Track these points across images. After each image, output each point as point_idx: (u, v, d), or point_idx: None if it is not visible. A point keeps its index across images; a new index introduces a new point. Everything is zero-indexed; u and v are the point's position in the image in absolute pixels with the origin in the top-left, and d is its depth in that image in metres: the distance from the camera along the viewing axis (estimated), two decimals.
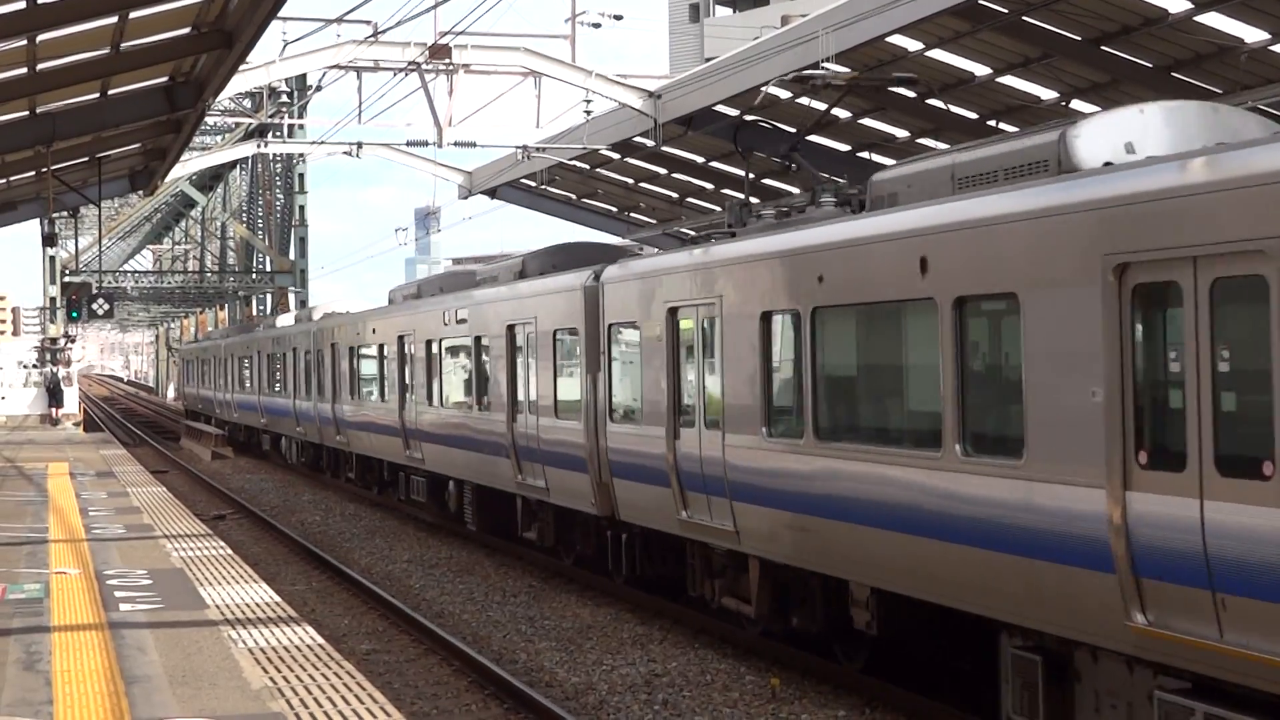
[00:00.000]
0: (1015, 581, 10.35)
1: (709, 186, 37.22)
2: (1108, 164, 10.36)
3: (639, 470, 16.74)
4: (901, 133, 28.92)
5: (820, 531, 12.92)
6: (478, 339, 22.60)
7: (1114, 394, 9.41)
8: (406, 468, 27.26)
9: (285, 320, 44.42)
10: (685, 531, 15.70)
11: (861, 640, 13.39)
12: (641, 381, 16.64)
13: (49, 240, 42.27)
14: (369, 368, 30.42)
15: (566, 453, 18.74)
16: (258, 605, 12.76)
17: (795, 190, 34.42)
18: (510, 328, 20.92)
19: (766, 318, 13.82)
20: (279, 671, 10.06)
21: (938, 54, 24.27)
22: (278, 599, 13.21)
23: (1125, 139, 10.68)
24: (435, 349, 25.12)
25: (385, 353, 28.52)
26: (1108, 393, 9.44)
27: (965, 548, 10.87)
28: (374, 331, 29.14)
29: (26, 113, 22.43)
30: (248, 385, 47.06)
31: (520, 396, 20.60)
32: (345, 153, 36.64)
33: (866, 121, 28.82)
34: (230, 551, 16.53)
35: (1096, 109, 24.79)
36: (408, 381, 26.61)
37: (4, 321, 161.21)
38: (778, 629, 14.46)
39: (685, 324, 15.65)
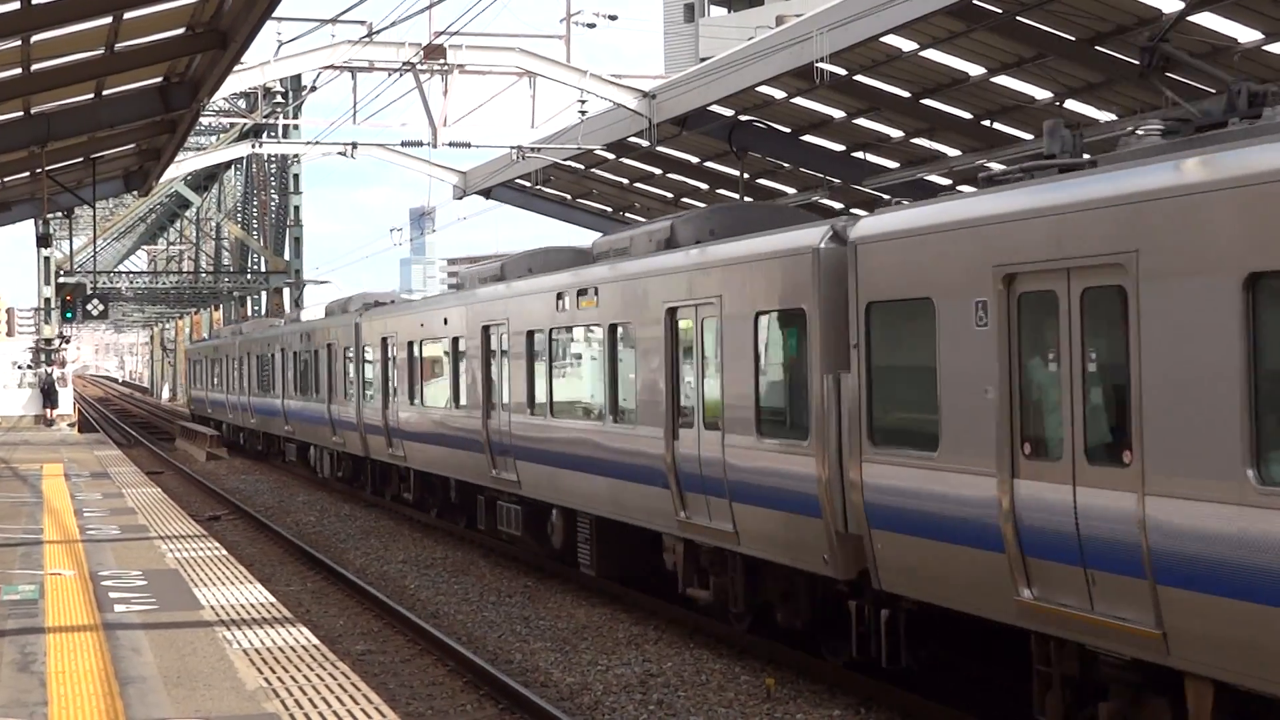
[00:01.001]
0: None
1: (704, 187, 37.24)
2: None
3: (930, 522, 11.38)
4: (896, 133, 28.94)
5: None
6: (614, 328, 17.38)
7: None
8: (492, 491, 22.04)
9: (313, 313, 39.40)
10: (1031, 621, 10.42)
11: None
12: (939, 390, 11.26)
13: (43, 241, 42.27)
14: (438, 367, 25.22)
15: (777, 486, 13.58)
16: (252, 606, 12.75)
17: (791, 190, 34.47)
18: (671, 311, 15.68)
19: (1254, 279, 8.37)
20: (274, 672, 10.06)
21: (932, 54, 24.30)
22: (272, 600, 13.21)
23: None
24: (541, 343, 19.70)
25: (462, 348, 23.06)
26: None
27: None
28: (445, 322, 23.98)
29: (21, 113, 22.43)
30: (269, 388, 41.17)
31: (687, 405, 15.49)
32: (340, 153, 36.62)
33: (861, 122, 28.85)
34: (225, 552, 16.53)
35: (1090, 109, 24.88)
36: (498, 384, 21.37)
37: None
38: None
39: (1040, 299, 10.20)
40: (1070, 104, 24.60)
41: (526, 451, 20.21)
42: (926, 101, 26.61)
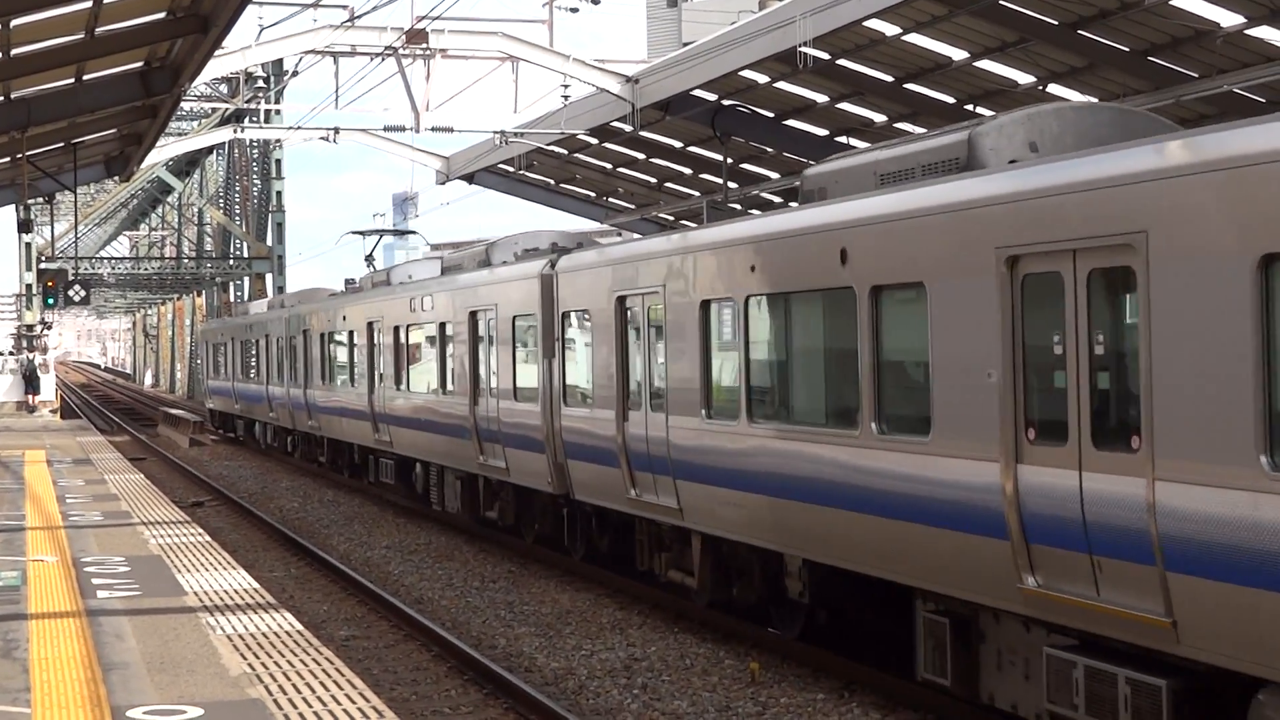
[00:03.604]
0: None
1: (687, 171, 37.23)
2: None
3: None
4: (879, 117, 28.94)
5: None
6: None
7: None
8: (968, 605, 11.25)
9: (413, 272, 28.63)
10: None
11: None
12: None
13: (24, 227, 42.06)
14: (805, 350, 13.58)
15: None
16: (236, 592, 12.73)
17: (775, 175, 34.47)
18: None
19: None
20: (257, 658, 10.05)
21: (915, 38, 24.30)
22: (256, 585, 13.19)
23: None
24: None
25: (929, 308, 11.17)
26: None
27: None
28: (843, 258, 12.20)
29: (1, 98, 22.32)
30: (341, 381, 31.07)
31: None
32: (322, 138, 36.57)
33: (844, 106, 28.85)
34: (208, 538, 16.49)
35: (1074, 93, 24.89)
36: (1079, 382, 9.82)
37: None
38: None
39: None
40: (1053, 88, 24.63)
41: (1129, 540, 9.31)
42: (909, 86, 26.62)
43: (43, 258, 56.30)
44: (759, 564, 14.37)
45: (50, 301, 43.64)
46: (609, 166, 38.79)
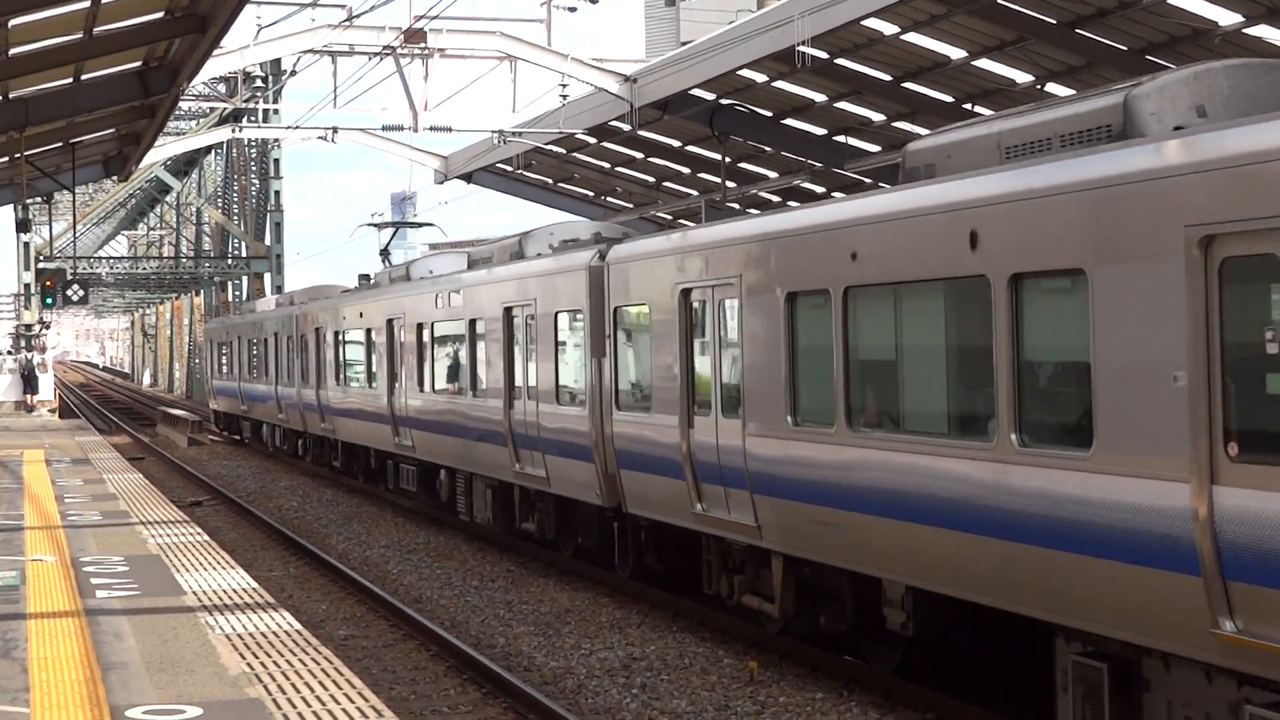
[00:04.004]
0: None
1: (685, 170, 37.24)
2: None
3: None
4: (877, 116, 28.95)
5: None
6: None
7: None
8: None
9: (442, 265, 26.40)
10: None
11: None
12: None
13: (23, 226, 42.08)
14: None
15: None
16: (235, 591, 12.74)
17: (773, 174, 34.49)
18: None
19: None
20: (256, 657, 10.05)
21: (913, 37, 24.33)
22: (255, 585, 13.19)
23: None
24: None
25: None
26: None
27: None
28: None
29: None
30: (357, 381, 29.00)
31: None
32: (320, 138, 36.54)
33: (842, 105, 28.85)
34: (207, 538, 16.49)
35: (1072, 93, 24.91)
36: None
37: None
38: None
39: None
40: (1051, 87, 24.65)
41: None
42: (908, 85, 26.63)
43: (41, 257, 56.28)
44: (851, 590, 12.75)
45: (48, 301, 43.57)
46: (607, 166, 38.80)
